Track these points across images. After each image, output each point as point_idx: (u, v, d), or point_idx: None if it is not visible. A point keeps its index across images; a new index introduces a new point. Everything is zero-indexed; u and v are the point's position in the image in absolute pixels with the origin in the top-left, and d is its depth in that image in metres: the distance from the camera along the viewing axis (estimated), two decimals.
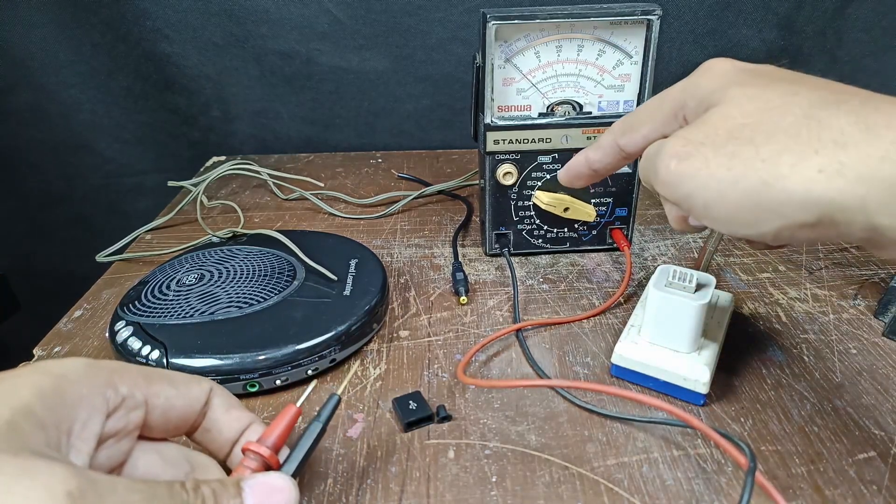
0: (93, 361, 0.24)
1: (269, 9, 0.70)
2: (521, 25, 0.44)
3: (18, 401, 0.20)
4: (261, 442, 0.26)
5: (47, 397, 0.21)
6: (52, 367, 0.23)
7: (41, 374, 0.22)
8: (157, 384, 0.25)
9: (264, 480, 0.24)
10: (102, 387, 0.23)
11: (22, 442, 0.19)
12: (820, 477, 0.31)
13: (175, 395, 0.26)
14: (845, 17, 0.72)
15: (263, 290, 0.42)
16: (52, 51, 0.71)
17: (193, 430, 0.27)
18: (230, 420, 0.27)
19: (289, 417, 0.27)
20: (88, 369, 0.23)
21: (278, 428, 0.27)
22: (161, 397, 0.25)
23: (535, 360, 0.39)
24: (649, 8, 0.43)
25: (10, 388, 0.21)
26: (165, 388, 0.26)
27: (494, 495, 0.30)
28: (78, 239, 0.83)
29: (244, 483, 0.23)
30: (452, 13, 0.71)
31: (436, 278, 0.49)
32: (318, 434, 0.27)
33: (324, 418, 0.28)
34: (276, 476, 0.24)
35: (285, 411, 0.27)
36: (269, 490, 0.24)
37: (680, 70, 0.74)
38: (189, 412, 0.26)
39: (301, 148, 0.80)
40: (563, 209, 0.49)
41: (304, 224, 0.59)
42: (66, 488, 0.18)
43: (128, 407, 0.24)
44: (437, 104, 0.77)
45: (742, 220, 0.24)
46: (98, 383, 0.23)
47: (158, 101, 0.76)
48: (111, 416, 0.23)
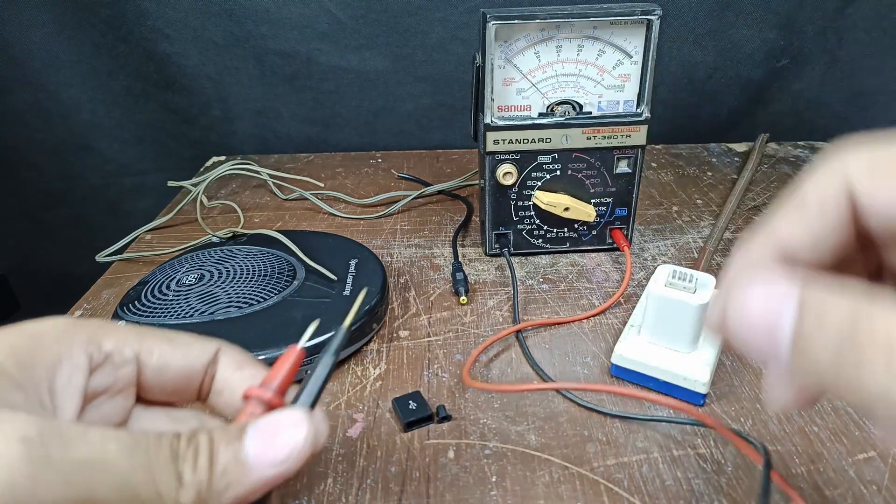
0: (75, 319, 0.23)
1: (269, 8, 0.70)
2: (521, 25, 0.44)
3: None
4: (263, 386, 0.23)
5: (21, 357, 0.20)
6: (27, 328, 0.21)
7: (16, 335, 0.21)
8: (150, 341, 0.24)
9: (269, 419, 0.21)
10: (83, 343, 0.22)
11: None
12: (820, 477, 0.31)
13: (171, 352, 0.24)
14: (845, 17, 0.72)
15: (263, 290, 0.42)
16: (53, 51, 0.71)
17: (205, 394, 0.25)
18: (242, 379, 0.24)
19: (292, 359, 0.24)
20: (68, 326, 0.22)
21: (282, 370, 0.23)
22: (154, 354, 0.24)
23: (535, 361, 0.39)
24: (649, 8, 0.43)
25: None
26: (161, 344, 0.24)
27: (494, 495, 0.30)
28: (78, 239, 0.83)
29: (248, 426, 0.20)
30: (452, 13, 0.71)
31: (436, 278, 0.49)
32: (330, 367, 0.24)
33: (334, 349, 0.24)
34: (284, 412, 0.21)
35: (287, 353, 0.24)
36: (275, 429, 0.20)
37: (680, 70, 0.74)
38: (189, 372, 0.24)
39: (301, 148, 0.80)
40: (562, 209, 0.49)
41: (304, 224, 0.59)
42: (21, 434, 0.17)
43: (114, 363, 0.23)
44: (437, 104, 0.77)
45: None
46: (79, 340, 0.22)
47: (159, 100, 0.76)
48: (95, 372, 0.22)
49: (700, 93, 0.76)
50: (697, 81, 0.76)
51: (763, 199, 0.61)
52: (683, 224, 0.57)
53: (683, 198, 0.62)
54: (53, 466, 0.17)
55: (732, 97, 0.77)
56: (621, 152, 0.48)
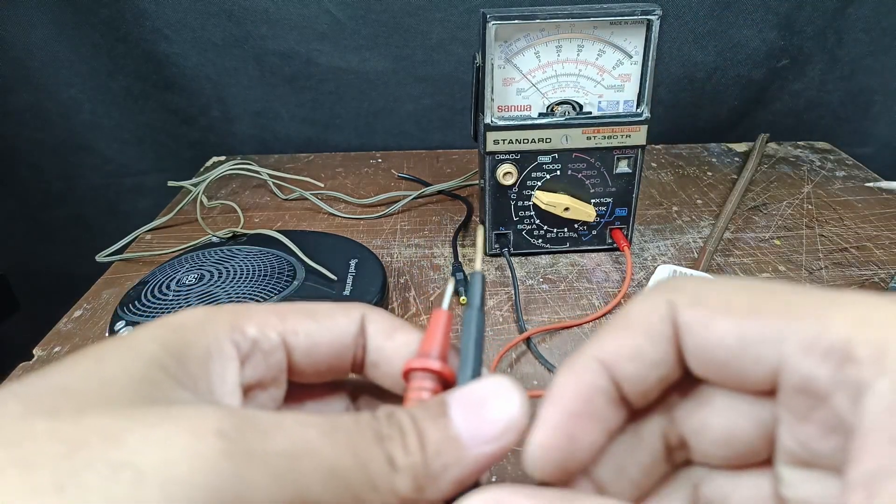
0: (212, 307, 0.20)
1: (268, 9, 0.70)
2: (521, 25, 0.44)
3: (149, 355, 0.17)
4: (424, 356, 0.20)
5: (175, 352, 0.18)
6: (170, 321, 0.19)
7: (163, 329, 0.19)
8: (292, 320, 0.21)
9: (469, 390, 0.18)
10: (227, 332, 0.19)
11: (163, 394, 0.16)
12: None
13: (317, 328, 0.21)
14: (845, 17, 0.72)
15: (263, 290, 0.42)
16: (52, 51, 0.71)
17: (359, 366, 0.22)
18: (396, 348, 0.21)
19: (443, 322, 0.21)
20: (208, 316, 0.20)
21: (438, 335, 0.21)
22: (300, 334, 0.21)
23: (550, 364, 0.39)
24: (649, 8, 0.43)
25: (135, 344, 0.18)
26: (304, 322, 0.21)
27: None
28: (78, 239, 0.83)
29: (448, 398, 0.18)
30: (452, 13, 0.71)
31: (436, 278, 0.49)
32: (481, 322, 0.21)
33: (477, 303, 0.21)
34: (484, 381, 0.18)
35: (437, 317, 0.21)
36: (481, 400, 0.18)
37: (680, 70, 0.74)
38: (340, 346, 0.21)
39: (301, 148, 0.80)
40: (563, 209, 0.49)
41: (304, 224, 0.59)
42: (215, 427, 0.14)
43: (263, 350, 0.20)
44: (437, 104, 0.77)
45: None
46: (221, 329, 0.19)
47: (158, 101, 0.76)
48: (246, 364, 0.20)
49: (700, 93, 0.76)
50: (697, 81, 0.76)
51: (763, 199, 0.61)
52: (683, 224, 0.57)
53: (683, 198, 0.62)
54: (256, 461, 0.14)
55: (732, 97, 0.77)
56: (621, 152, 0.48)
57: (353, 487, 0.15)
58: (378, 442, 0.16)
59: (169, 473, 0.13)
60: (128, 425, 0.14)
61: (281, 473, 0.14)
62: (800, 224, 0.56)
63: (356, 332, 0.21)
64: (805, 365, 0.15)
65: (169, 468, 0.14)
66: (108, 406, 0.15)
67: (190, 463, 0.14)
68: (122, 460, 0.14)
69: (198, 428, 0.14)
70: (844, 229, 0.55)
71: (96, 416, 0.15)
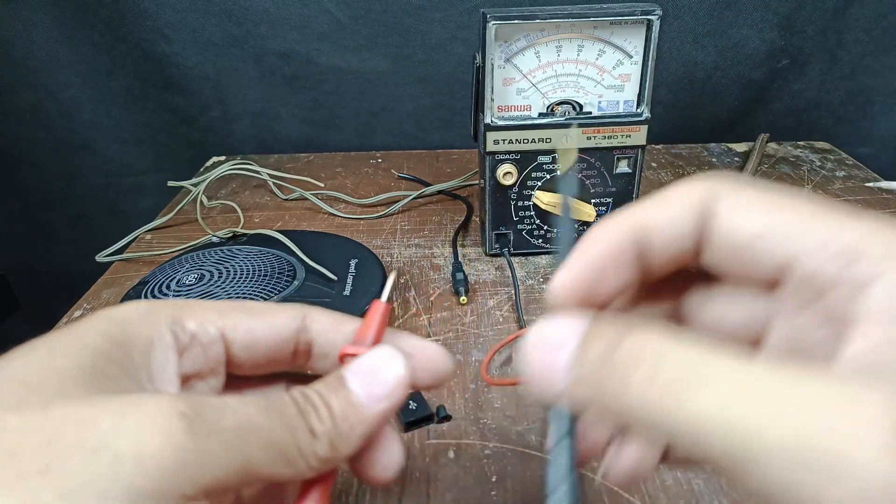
0: (154, 302, 0.22)
1: (268, 9, 0.70)
2: (521, 25, 0.44)
3: (95, 347, 0.19)
4: (358, 343, 0.23)
5: (119, 343, 0.20)
6: (112, 314, 0.21)
7: (106, 322, 0.20)
8: (232, 316, 0.23)
9: (361, 361, 0.21)
10: (168, 325, 0.21)
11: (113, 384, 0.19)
12: None
13: (256, 324, 0.23)
14: (845, 17, 0.72)
15: (263, 290, 0.42)
16: (53, 51, 0.71)
17: (302, 360, 0.24)
18: (343, 337, 0.24)
19: (381, 313, 0.24)
20: (149, 311, 0.22)
21: (373, 324, 0.23)
22: (240, 329, 0.23)
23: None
24: (649, 8, 0.43)
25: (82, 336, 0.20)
26: (244, 318, 0.23)
27: (494, 495, 0.30)
28: (78, 238, 0.83)
29: (345, 372, 0.21)
30: (452, 13, 0.71)
31: (436, 278, 0.49)
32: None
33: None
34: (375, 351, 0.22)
35: (374, 308, 0.24)
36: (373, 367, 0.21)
37: (680, 70, 0.74)
38: (279, 341, 0.23)
39: (301, 148, 0.80)
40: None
41: (304, 224, 0.59)
42: (178, 410, 0.17)
43: (202, 343, 0.22)
44: (437, 104, 0.77)
45: None
46: (162, 322, 0.21)
47: (158, 101, 0.76)
48: (185, 355, 0.22)
49: (700, 93, 0.76)
50: (697, 81, 0.76)
51: None
52: None
53: None
54: (213, 436, 0.17)
55: (732, 97, 0.77)
56: (621, 152, 0.48)
57: (285, 453, 0.18)
58: (300, 414, 0.19)
59: (142, 451, 0.16)
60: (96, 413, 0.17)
61: (232, 445, 0.17)
62: None
63: (296, 329, 0.23)
64: (815, 260, 0.16)
65: (141, 447, 0.16)
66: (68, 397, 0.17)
67: (159, 441, 0.16)
68: (98, 444, 0.16)
69: (162, 412, 0.17)
70: None
71: (62, 407, 0.17)
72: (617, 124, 0.47)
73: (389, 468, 0.22)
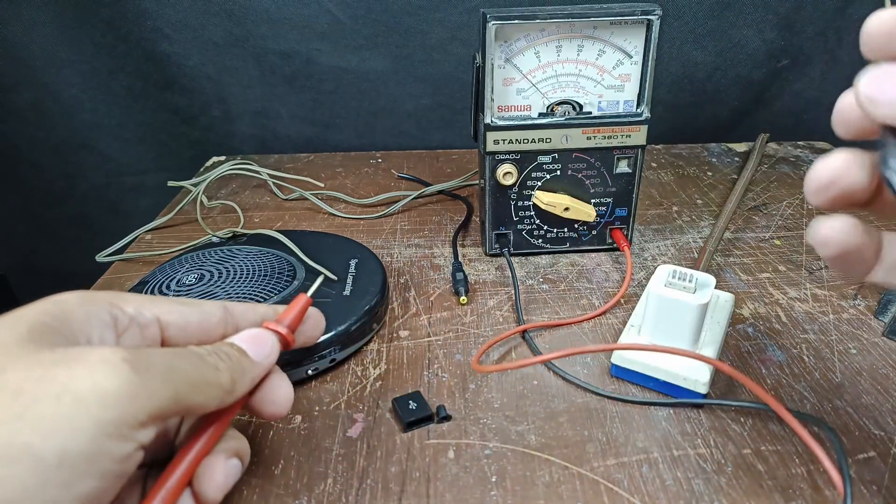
0: (90, 291, 0.26)
1: (269, 9, 0.71)
2: (521, 25, 0.44)
3: (31, 319, 0.23)
4: (278, 322, 0.30)
5: (55, 315, 0.23)
6: (52, 298, 0.25)
7: (43, 303, 0.24)
8: (165, 304, 0.28)
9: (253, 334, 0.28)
10: (106, 307, 0.25)
11: (51, 343, 0.22)
12: (820, 477, 0.31)
13: (188, 311, 0.28)
14: (846, 17, 0.72)
15: (263, 290, 0.42)
16: (54, 50, 0.71)
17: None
18: (258, 319, 0.30)
19: (301, 304, 0.31)
20: (86, 295, 0.25)
21: (293, 312, 0.31)
22: (174, 314, 0.27)
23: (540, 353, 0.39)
24: (649, 8, 0.43)
25: (17, 314, 0.23)
26: (175, 305, 0.28)
27: (494, 495, 0.30)
28: (78, 238, 0.83)
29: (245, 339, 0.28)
30: (452, 13, 0.71)
31: (436, 278, 0.49)
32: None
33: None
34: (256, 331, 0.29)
35: (298, 299, 0.31)
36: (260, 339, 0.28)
37: (680, 70, 0.74)
38: (208, 324, 0.28)
39: (301, 148, 0.80)
40: (563, 209, 0.49)
41: (304, 224, 0.59)
42: (119, 356, 0.21)
43: (139, 324, 0.26)
44: (437, 104, 0.77)
45: None
46: (99, 304, 0.25)
47: (159, 100, 0.77)
48: (124, 335, 0.26)
49: (700, 93, 0.76)
50: (697, 81, 0.76)
51: (763, 198, 0.61)
52: (683, 224, 0.57)
53: (683, 198, 0.62)
54: (152, 372, 0.22)
55: (732, 97, 0.77)
56: (621, 152, 0.48)
57: (199, 388, 0.24)
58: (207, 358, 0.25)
59: (100, 389, 0.20)
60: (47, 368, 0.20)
61: (165, 378, 0.22)
62: (800, 224, 0.56)
63: (222, 314, 0.29)
64: None
65: (98, 386, 0.20)
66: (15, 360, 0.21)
67: (112, 380, 0.21)
68: (60, 390, 0.20)
69: (108, 358, 0.21)
70: None
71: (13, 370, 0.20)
72: (617, 124, 0.47)
73: (280, 405, 0.29)
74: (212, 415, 0.26)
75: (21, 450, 0.19)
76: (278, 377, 0.29)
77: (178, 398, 0.23)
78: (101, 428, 0.20)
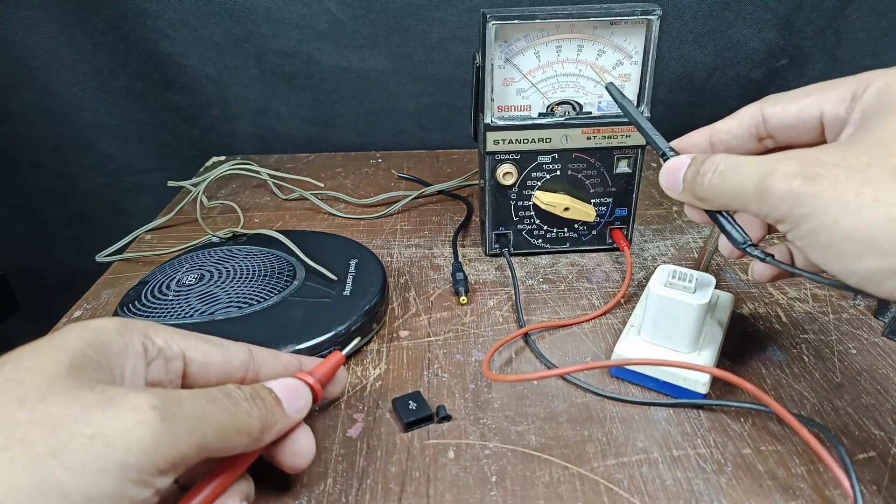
0: (125, 319, 0.27)
1: (269, 8, 0.70)
2: (521, 25, 0.44)
3: (74, 348, 0.24)
4: (310, 374, 0.31)
5: (96, 346, 0.24)
6: (91, 324, 0.26)
7: (83, 329, 0.25)
8: (192, 340, 0.29)
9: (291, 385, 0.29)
10: (139, 337, 0.26)
11: (91, 378, 0.23)
12: (820, 477, 0.31)
13: (213, 350, 0.29)
14: (845, 17, 0.72)
15: (263, 290, 0.42)
16: (54, 50, 0.71)
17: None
18: (281, 367, 0.31)
19: (335, 360, 0.32)
20: (123, 324, 0.26)
21: (326, 366, 0.32)
22: (198, 351, 0.28)
23: (547, 360, 0.39)
24: (649, 8, 0.43)
25: (61, 341, 0.24)
26: (201, 343, 0.29)
27: (494, 495, 0.30)
28: (78, 238, 0.83)
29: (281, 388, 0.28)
30: (452, 13, 0.71)
31: (436, 278, 0.49)
32: None
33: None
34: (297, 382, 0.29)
35: (333, 356, 0.32)
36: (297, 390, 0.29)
37: (680, 70, 0.74)
38: (230, 368, 0.29)
39: (301, 148, 0.80)
40: (562, 209, 0.49)
41: (304, 224, 0.59)
42: (149, 403, 0.22)
43: (166, 357, 0.27)
44: (437, 104, 0.77)
45: (842, 252, 0.24)
46: (134, 335, 0.26)
47: (159, 100, 0.76)
48: (151, 365, 0.26)
49: (700, 93, 0.76)
50: (697, 81, 0.76)
51: None
52: (683, 224, 0.57)
53: None
54: (178, 421, 0.22)
55: (732, 97, 0.77)
56: (621, 152, 0.48)
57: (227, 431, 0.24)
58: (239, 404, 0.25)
59: (128, 436, 0.21)
60: (85, 409, 0.21)
61: (192, 428, 0.23)
62: None
63: (246, 358, 0.30)
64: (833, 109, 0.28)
65: (127, 433, 0.21)
66: (58, 393, 0.22)
67: (140, 427, 0.21)
68: (93, 432, 0.21)
69: (139, 405, 0.22)
70: None
71: (55, 404, 0.21)
72: (617, 124, 0.47)
73: (303, 457, 0.29)
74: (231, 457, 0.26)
75: (52, 487, 0.19)
76: (303, 430, 0.29)
77: (203, 445, 0.23)
78: (125, 472, 0.21)
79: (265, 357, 0.31)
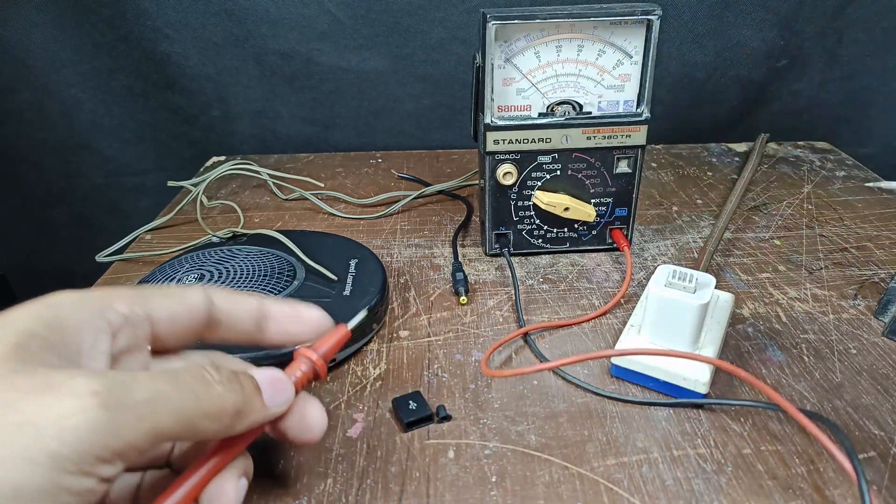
0: (84, 291, 0.26)
1: (269, 9, 0.70)
2: (521, 25, 0.44)
3: (22, 326, 0.22)
4: (313, 350, 0.29)
5: (49, 323, 0.23)
6: (47, 300, 0.24)
7: (38, 306, 0.24)
8: (153, 299, 0.27)
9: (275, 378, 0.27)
10: (100, 310, 0.25)
11: (35, 360, 0.21)
12: (820, 477, 0.31)
13: (175, 303, 0.28)
14: (845, 17, 0.72)
15: (263, 290, 0.42)
16: (53, 50, 0.71)
17: (209, 332, 0.29)
18: (238, 308, 0.29)
19: (340, 335, 0.30)
20: (81, 297, 0.25)
21: (330, 342, 0.30)
22: (163, 309, 0.27)
23: (546, 359, 0.39)
24: (649, 8, 0.43)
25: (8, 320, 0.23)
26: (163, 300, 0.27)
27: (494, 495, 0.30)
28: (78, 238, 0.83)
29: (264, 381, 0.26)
30: (452, 13, 0.71)
31: (436, 278, 0.49)
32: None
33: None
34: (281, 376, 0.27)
35: (337, 330, 0.30)
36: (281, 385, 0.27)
37: (680, 70, 0.74)
38: (194, 316, 0.28)
39: (301, 148, 0.80)
40: (563, 209, 0.49)
41: (304, 224, 0.59)
42: (90, 389, 0.20)
43: (132, 324, 0.26)
44: (437, 104, 0.77)
45: None
46: (95, 307, 0.25)
47: (159, 100, 0.76)
48: (118, 335, 0.25)
49: (700, 93, 0.76)
50: (697, 81, 0.76)
51: (763, 199, 0.61)
52: (683, 224, 0.57)
53: (683, 198, 0.62)
54: (125, 409, 0.21)
55: (732, 97, 0.77)
56: (621, 152, 0.48)
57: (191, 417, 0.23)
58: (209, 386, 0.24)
59: (61, 425, 0.19)
60: (18, 395, 0.20)
61: (142, 414, 0.21)
62: (800, 224, 0.56)
63: (205, 305, 0.28)
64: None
65: (60, 421, 0.19)
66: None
67: (76, 415, 0.20)
68: (23, 421, 0.19)
69: (77, 391, 0.20)
70: (844, 229, 0.55)
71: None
72: (617, 124, 0.47)
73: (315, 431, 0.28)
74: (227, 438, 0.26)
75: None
76: (313, 401, 0.29)
77: (157, 432, 0.22)
78: (58, 463, 0.19)
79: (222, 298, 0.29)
